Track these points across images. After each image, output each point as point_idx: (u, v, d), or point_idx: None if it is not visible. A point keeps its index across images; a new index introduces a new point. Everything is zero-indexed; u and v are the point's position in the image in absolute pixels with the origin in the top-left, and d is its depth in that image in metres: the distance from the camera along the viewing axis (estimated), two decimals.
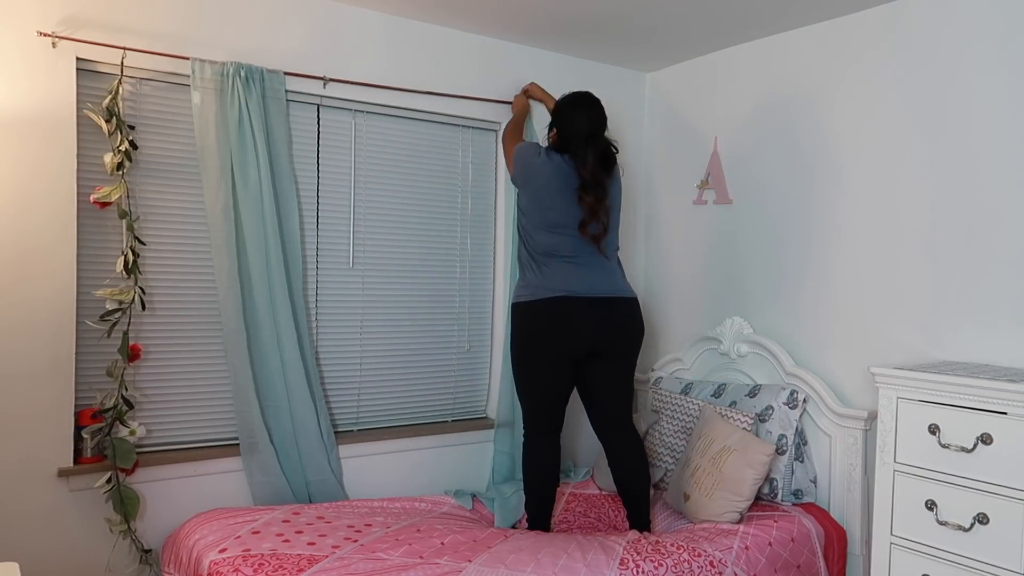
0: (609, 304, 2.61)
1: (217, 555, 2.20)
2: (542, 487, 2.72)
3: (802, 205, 3.06)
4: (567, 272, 2.59)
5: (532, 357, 2.65)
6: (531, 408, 2.72)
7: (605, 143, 2.66)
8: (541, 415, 2.71)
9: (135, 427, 2.52)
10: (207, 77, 2.61)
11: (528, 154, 2.69)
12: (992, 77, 2.49)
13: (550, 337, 2.60)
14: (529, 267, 2.66)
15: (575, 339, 2.59)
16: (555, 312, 2.57)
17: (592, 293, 2.59)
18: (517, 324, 2.69)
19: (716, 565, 2.37)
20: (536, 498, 2.72)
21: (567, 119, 2.67)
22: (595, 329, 2.59)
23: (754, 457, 2.67)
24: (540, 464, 2.72)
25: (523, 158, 2.69)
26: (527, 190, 2.66)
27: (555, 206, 2.58)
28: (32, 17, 2.38)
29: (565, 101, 2.72)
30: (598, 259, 2.62)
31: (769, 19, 3.00)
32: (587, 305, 2.57)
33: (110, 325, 2.47)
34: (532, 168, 2.64)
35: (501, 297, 3.35)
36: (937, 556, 2.22)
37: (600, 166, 2.59)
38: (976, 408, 2.14)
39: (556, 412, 2.72)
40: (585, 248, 2.59)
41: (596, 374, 2.68)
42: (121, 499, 2.47)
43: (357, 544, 2.32)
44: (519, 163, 2.70)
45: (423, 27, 3.12)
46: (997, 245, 2.47)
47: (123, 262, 2.46)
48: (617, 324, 2.63)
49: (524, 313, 2.65)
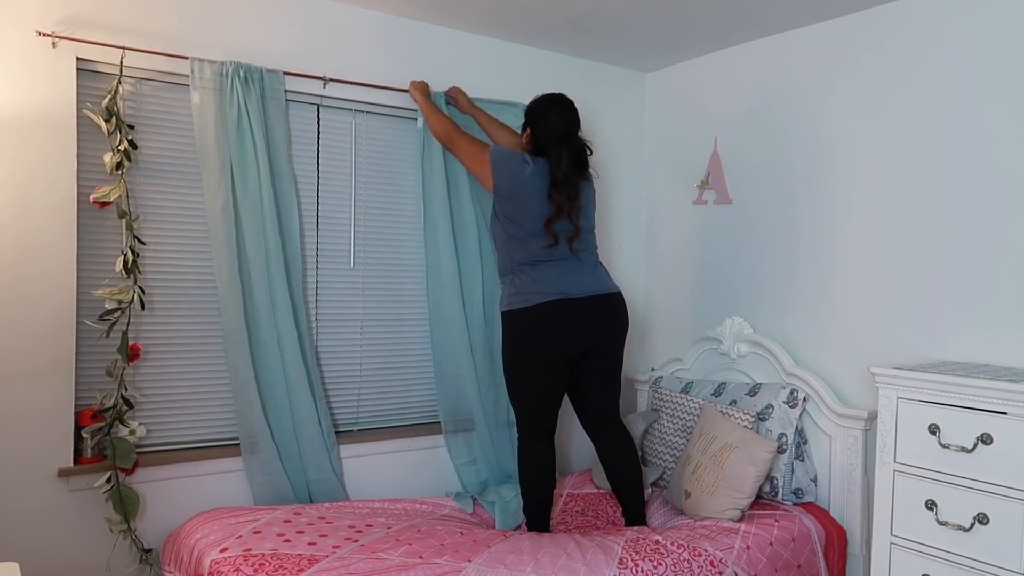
0: (602, 302, 2.65)
1: (218, 554, 2.20)
2: (540, 491, 2.73)
3: (802, 205, 3.07)
4: (559, 275, 2.61)
5: (529, 362, 2.66)
6: (527, 413, 2.73)
7: (580, 143, 2.67)
8: (537, 419, 2.72)
9: (135, 427, 2.52)
10: (206, 77, 2.61)
11: (513, 164, 2.64)
12: (991, 77, 2.49)
13: (548, 341, 2.61)
14: (518, 274, 2.65)
15: (572, 340, 2.62)
16: (552, 316, 2.59)
17: (585, 293, 2.62)
18: (512, 331, 2.69)
19: (716, 564, 2.37)
20: (534, 502, 2.73)
21: (541, 120, 2.69)
22: (590, 328, 2.62)
23: (756, 454, 2.67)
24: (537, 468, 2.73)
25: (508, 169, 2.64)
26: (515, 200, 2.63)
27: (543, 212, 2.60)
28: (32, 17, 2.38)
29: (539, 102, 2.74)
30: (586, 259, 2.68)
31: (769, 19, 3.00)
32: (581, 305, 2.61)
33: (109, 325, 2.47)
34: (520, 179, 2.61)
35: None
36: (937, 556, 2.22)
37: (574, 167, 2.61)
38: (976, 408, 2.15)
39: (551, 416, 2.74)
40: (567, 251, 2.62)
41: (588, 372, 2.71)
42: (121, 499, 2.46)
43: (358, 544, 2.32)
44: (503, 174, 2.65)
45: (423, 27, 3.12)
46: (997, 245, 2.47)
47: (122, 262, 2.46)
48: (610, 321, 2.68)
49: (519, 319, 2.65)
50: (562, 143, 2.61)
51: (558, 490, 3.07)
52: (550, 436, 2.76)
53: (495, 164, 2.67)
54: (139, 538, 2.54)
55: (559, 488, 3.10)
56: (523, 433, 2.76)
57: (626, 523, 2.75)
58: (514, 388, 2.75)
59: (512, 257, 2.67)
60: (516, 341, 2.68)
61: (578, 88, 3.50)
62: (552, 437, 2.77)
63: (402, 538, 2.40)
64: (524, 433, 2.75)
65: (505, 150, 2.74)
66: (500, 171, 2.66)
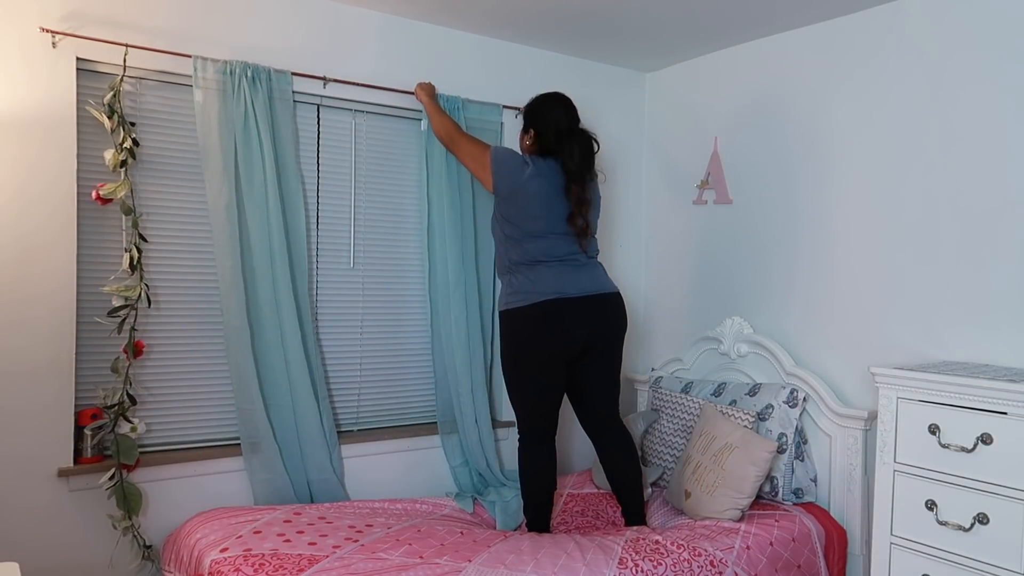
0: (599, 301, 2.65)
1: (218, 554, 2.20)
2: (540, 492, 2.73)
3: (802, 205, 3.07)
4: (557, 274, 2.61)
5: (527, 362, 2.66)
6: (527, 414, 2.73)
7: (588, 137, 2.68)
8: (538, 420, 2.71)
9: (137, 423, 2.52)
10: (209, 76, 2.61)
11: (513, 165, 2.66)
12: (991, 77, 2.49)
13: (545, 340, 2.61)
14: (516, 273, 2.66)
15: (570, 339, 2.62)
16: (549, 315, 2.59)
17: (583, 292, 2.62)
18: (510, 330, 2.69)
19: (717, 565, 2.37)
20: (534, 503, 2.73)
21: (544, 118, 2.70)
22: (588, 327, 2.62)
23: (757, 454, 2.67)
24: (538, 469, 2.72)
25: (508, 170, 2.66)
26: (515, 201, 2.65)
27: (544, 213, 2.61)
28: (32, 15, 2.37)
29: (539, 102, 2.75)
30: (584, 259, 2.67)
31: (769, 19, 3.00)
32: (579, 304, 2.60)
33: (120, 321, 2.47)
34: (520, 181, 2.62)
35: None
36: (937, 556, 2.22)
37: (584, 160, 2.63)
38: (976, 408, 2.15)
39: (552, 416, 2.73)
40: (572, 249, 2.64)
41: (587, 372, 2.71)
42: (124, 495, 2.46)
43: (358, 544, 2.32)
44: (503, 175, 2.66)
45: (423, 27, 3.12)
46: (997, 245, 2.48)
47: (128, 259, 2.46)
48: (608, 320, 2.68)
49: (516, 319, 2.65)
50: (573, 137, 2.64)
51: (558, 491, 3.07)
52: (551, 437, 2.75)
53: (496, 165, 2.68)
54: (141, 535, 2.54)
55: (559, 488, 3.10)
56: (524, 434, 2.75)
57: (626, 523, 2.75)
58: (513, 389, 2.75)
59: (510, 257, 2.68)
60: (514, 341, 2.68)
61: (578, 88, 3.50)
62: (553, 438, 2.76)
63: (402, 538, 2.40)
64: (525, 434, 2.75)
65: (507, 151, 2.75)
66: (501, 172, 2.67)
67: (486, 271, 3.22)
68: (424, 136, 3.08)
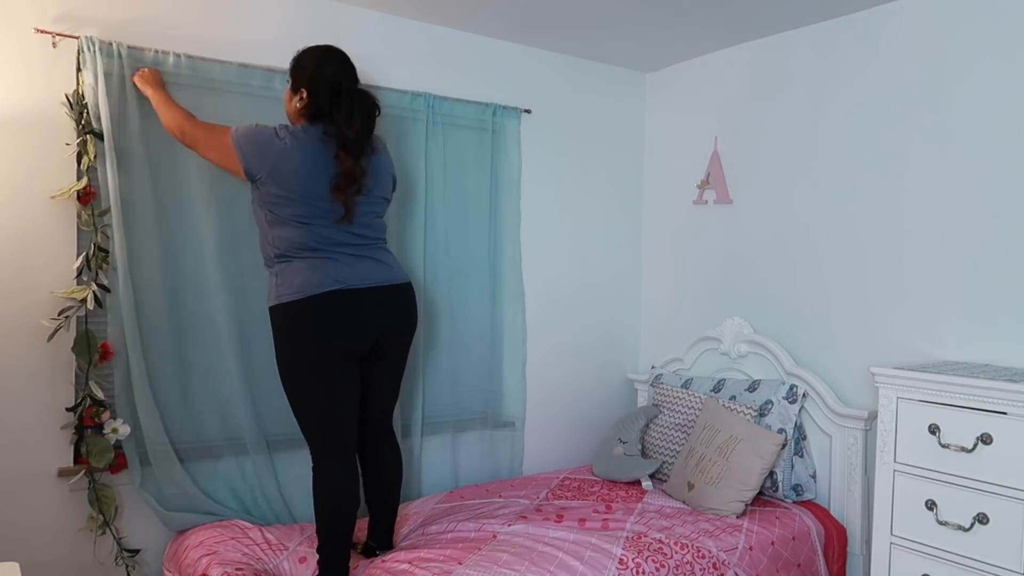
0: (390, 293, 2.33)
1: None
2: (342, 521, 2.24)
3: (802, 205, 3.07)
4: (336, 263, 2.24)
5: (314, 362, 2.24)
6: (323, 425, 2.27)
7: (370, 98, 2.31)
8: (333, 430, 2.27)
9: (118, 425, 2.45)
10: (206, 76, 2.60)
11: (261, 141, 2.23)
12: (991, 76, 2.49)
13: (334, 334, 2.22)
14: (288, 262, 2.25)
15: (359, 335, 2.26)
16: (334, 306, 2.21)
17: (368, 283, 2.27)
18: (289, 329, 2.24)
19: (719, 567, 2.37)
20: (335, 535, 2.22)
21: (318, 77, 2.28)
22: (379, 321, 2.29)
23: (764, 447, 2.68)
24: (339, 492, 2.25)
25: (256, 148, 2.23)
26: (273, 181, 2.22)
27: (310, 194, 2.22)
28: (31, 15, 2.37)
29: (309, 56, 2.33)
30: (366, 244, 2.32)
31: (769, 19, 3.00)
32: (365, 296, 2.26)
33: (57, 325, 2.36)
34: (272, 156, 2.21)
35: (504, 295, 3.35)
36: (937, 556, 2.22)
37: (363, 126, 2.27)
38: (976, 408, 2.15)
39: (350, 425, 2.31)
40: (350, 233, 2.28)
41: (370, 376, 2.37)
42: (97, 498, 2.44)
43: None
44: (252, 155, 2.23)
45: (423, 27, 3.11)
46: (997, 245, 2.48)
47: (84, 258, 2.40)
48: (402, 314, 2.38)
49: (295, 314, 2.22)
50: (352, 100, 2.27)
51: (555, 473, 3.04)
52: (352, 451, 2.32)
53: (240, 146, 2.24)
54: (118, 535, 2.48)
55: (555, 472, 3.08)
56: (319, 451, 2.28)
57: (368, 538, 2.46)
58: (298, 396, 2.29)
59: (276, 244, 2.27)
60: (295, 338, 2.24)
61: (578, 88, 3.51)
62: (355, 453, 2.34)
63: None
64: (320, 451, 2.28)
65: (249, 127, 2.28)
66: (247, 152, 2.24)
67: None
68: (424, 136, 3.06)
